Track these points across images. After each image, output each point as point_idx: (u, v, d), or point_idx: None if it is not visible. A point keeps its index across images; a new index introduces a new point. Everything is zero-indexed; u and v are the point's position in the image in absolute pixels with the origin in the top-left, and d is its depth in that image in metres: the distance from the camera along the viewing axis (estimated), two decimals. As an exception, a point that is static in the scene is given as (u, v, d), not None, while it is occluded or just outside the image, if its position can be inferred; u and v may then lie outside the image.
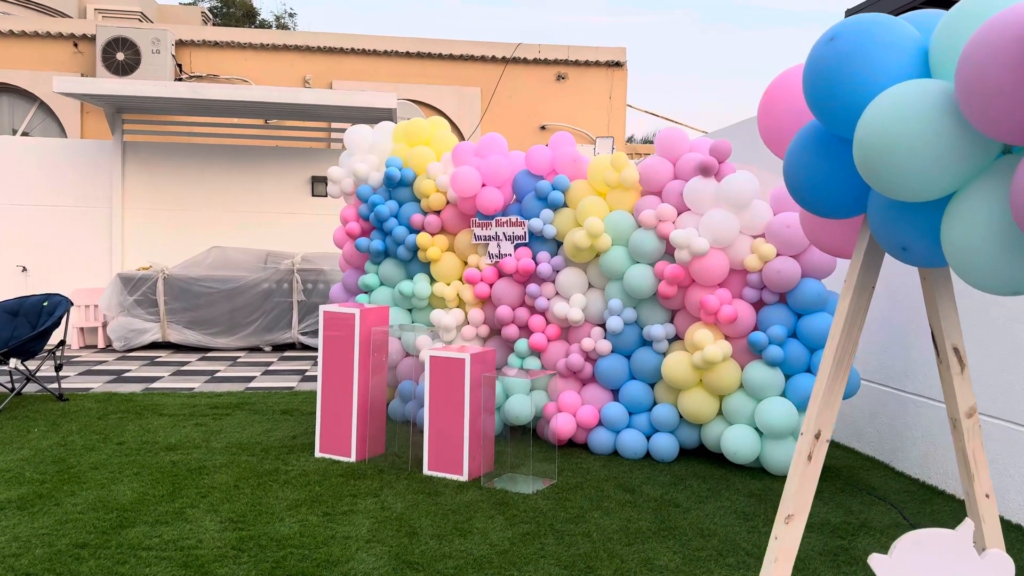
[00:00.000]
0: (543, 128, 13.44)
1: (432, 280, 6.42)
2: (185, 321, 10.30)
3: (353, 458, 5.38)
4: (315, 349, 10.45)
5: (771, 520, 4.41)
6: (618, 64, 13.62)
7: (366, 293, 6.71)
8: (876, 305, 5.78)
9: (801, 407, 5.21)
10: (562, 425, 5.65)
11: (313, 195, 11.38)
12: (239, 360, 9.70)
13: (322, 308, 5.50)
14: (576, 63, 13.60)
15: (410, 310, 6.54)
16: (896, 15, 1.87)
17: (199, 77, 13.15)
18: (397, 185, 6.41)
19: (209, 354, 10.15)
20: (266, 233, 11.29)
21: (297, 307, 10.36)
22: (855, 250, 2.08)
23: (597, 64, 13.61)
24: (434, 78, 13.24)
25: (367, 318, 5.44)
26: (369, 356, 5.42)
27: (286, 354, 10.22)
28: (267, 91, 9.67)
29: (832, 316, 5.25)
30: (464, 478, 5.01)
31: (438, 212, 6.34)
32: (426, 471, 5.13)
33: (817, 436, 2.41)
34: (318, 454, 5.49)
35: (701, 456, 5.65)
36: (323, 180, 11.43)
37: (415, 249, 6.34)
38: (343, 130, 11.53)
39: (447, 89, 13.09)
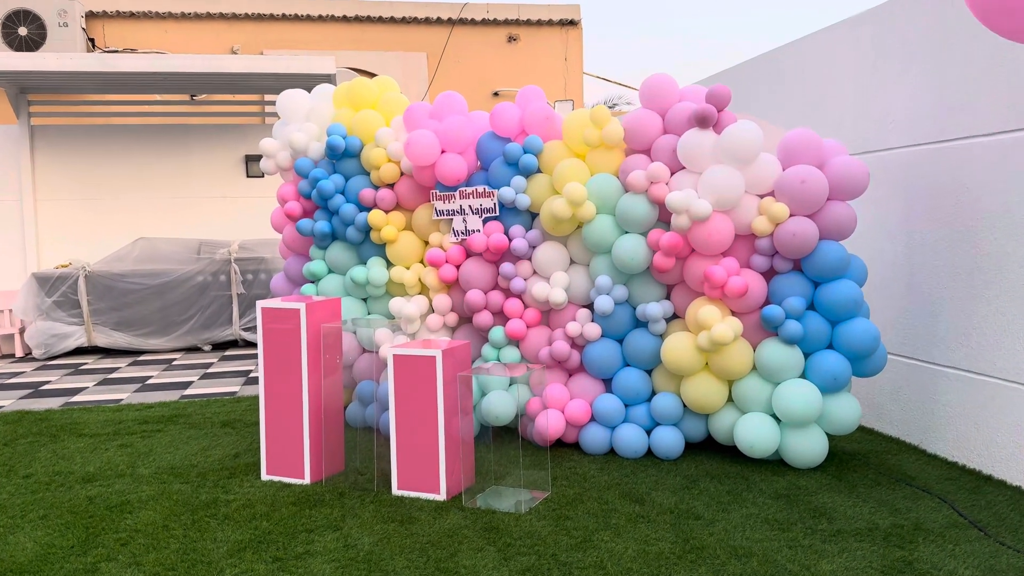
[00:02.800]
0: (496, 95, 12.58)
1: (389, 264, 5.59)
2: (112, 322, 9.28)
3: (307, 480, 4.55)
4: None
5: (810, 529, 3.72)
6: (572, 23, 12.77)
7: (312, 283, 5.85)
8: (893, 265, 5.12)
9: (824, 389, 4.53)
10: (550, 424, 4.89)
11: (248, 176, 10.38)
12: (175, 363, 8.73)
13: (259, 304, 4.63)
14: (528, 23, 12.71)
15: (365, 300, 5.70)
16: None
17: (115, 52, 11.96)
18: (342, 156, 5.55)
19: (141, 357, 9.16)
20: (198, 220, 10.26)
21: (237, 300, 9.40)
22: None
23: (550, 23, 12.75)
24: (375, 44, 12.25)
25: (315, 312, 4.59)
26: (320, 358, 4.58)
27: (227, 353, 9.27)
28: (189, 60, 8.64)
29: (856, 283, 4.57)
30: (442, 497, 4.22)
31: (391, 186, 5.49)
32: (396, 491, 4.33)
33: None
34: (265, 477, 4.64)
35: (709, 449, 4.95)
36: (258, 159, 10.42)
37: (367, 229, 5.49)
38: (278, 103, 10.52)
39: (390, 55, 12.13)
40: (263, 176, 10.39)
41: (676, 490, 4.28)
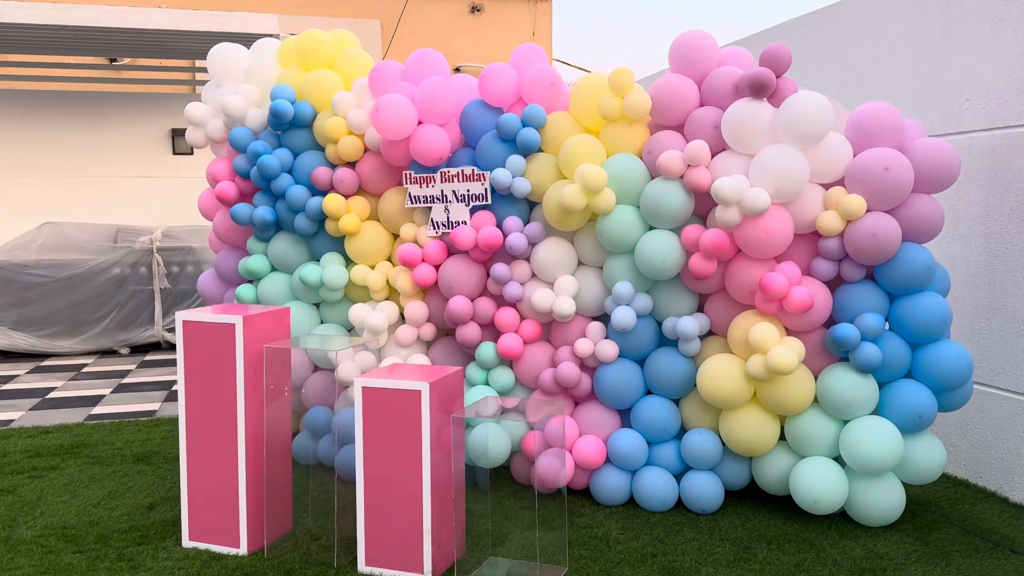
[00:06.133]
0: (457, 71, 11.47)
1: (348, 262, 4.51)
2: (11, 321, 7.94)
3: (243, 549, 3.45)
4: (188, 347, 8.25)
5: (924, 628, 2.80)
6: (540, -7, 11.73)
7: (250, 282, 4.73)
8: (967, 272, 4.25)
9: (905, 428, 3.63)
10: (552, 468, 3.87)
11: (175, 152, 9.11)
12: (85, 370, 7.45)
13: (180, 316, 3.51)
14: (492, -8, 11.63)
15: (317, 305, 4.61)
16: None
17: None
18: (289, 126, 4.45)
19: (45, 363, 7.84)
20: (115, 203, 8.97)
21: (160, 296, 8.14)
22: None
23: (516, -6, 11.70)
24: (323, 8, 11.00)
25: (255, 328, 3.48)
26: (262, 389, 3.48)
27: (148, 357, 8.01)
28: (103, 12, 7.33)
29: (942, 295, 3.67)
30: (426, 578, 3.19)
31: (352, 164, 4.41)
32: (362, 568, 3.27)
33: None
34: (187, 543, 3.53)
35: (751, 497, 4.01)
36: (186, 132, 9.15)
37: (321, 218, 4.40)
38: (211, 71, 9.22)
39: (340, 22, 10.87)
40: (192, 153, 9.14)
41: (730, 563, 3.32)
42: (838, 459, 3.73)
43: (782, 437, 3.84)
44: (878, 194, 3.54)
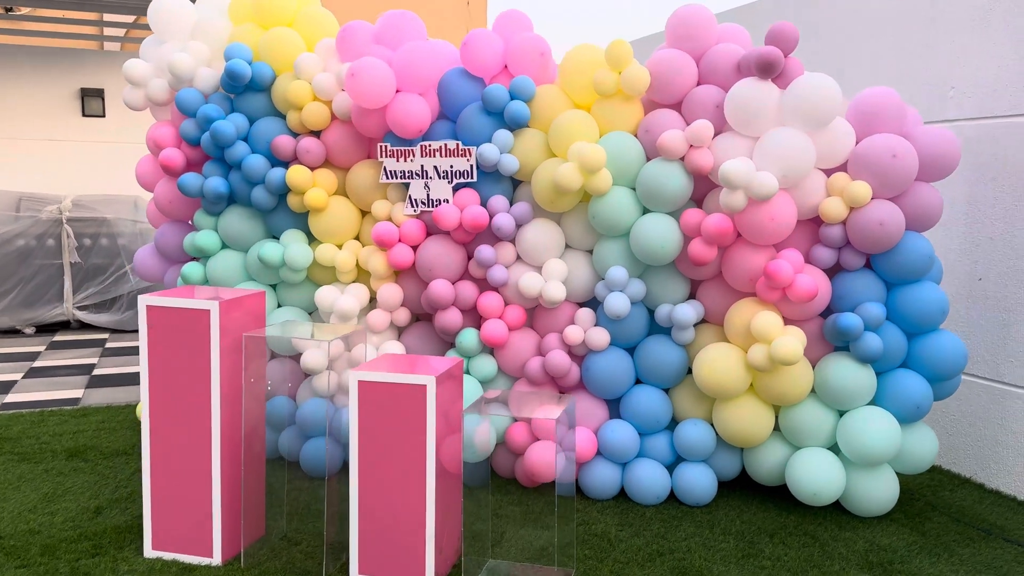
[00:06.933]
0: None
1: (311, 240, 4.16)
2: None
3: (217, 559, 3.11)
4: (98, 329, 7.62)
5: (948, 625, 2.76)
6: (473, -39, 11.35)
7: (197, 260, 4.32)
8: (948, 261, 4.27)
9: (904, 419, 3.60)
10: (540, 459, 3.67)
11: (84, 114, 8.33)
12: (-14, 351, 6.77)
13: (143, 300, 3.11)
14: (423, -43, 11.16)
15: (274, 287, 4.24)
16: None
17: None
18: (245, 89, 4.05)
19: (-63, 342, 7.08)
20: (17, 168, 8.15)
21: (70, 271, 7.46)
22: None
23: (449, -40, 11.27)
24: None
25: (232, 314, 3.12)
26: (239, 380, 3.13)
27: (57, 338, 7.35)
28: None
29: (938, 285, 3.65)
30: (428, 587, 2.94)
31: (317, 134, 4.05)
32: (356, 576, 3.00)
33: None
34: (150, 552, 3.16)
35: (740, 488, 3.92)
36: (97, 94, 8.39)
37: (283, 192, 4.03)
38: (121, 24, 8.47)
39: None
40: (104, 115, 8.40)
41: (738, 560, 3.21)
42: (832, 449, 3.68)
43: (775, 428, 3.76)
44: (884, 182, 3.46)
